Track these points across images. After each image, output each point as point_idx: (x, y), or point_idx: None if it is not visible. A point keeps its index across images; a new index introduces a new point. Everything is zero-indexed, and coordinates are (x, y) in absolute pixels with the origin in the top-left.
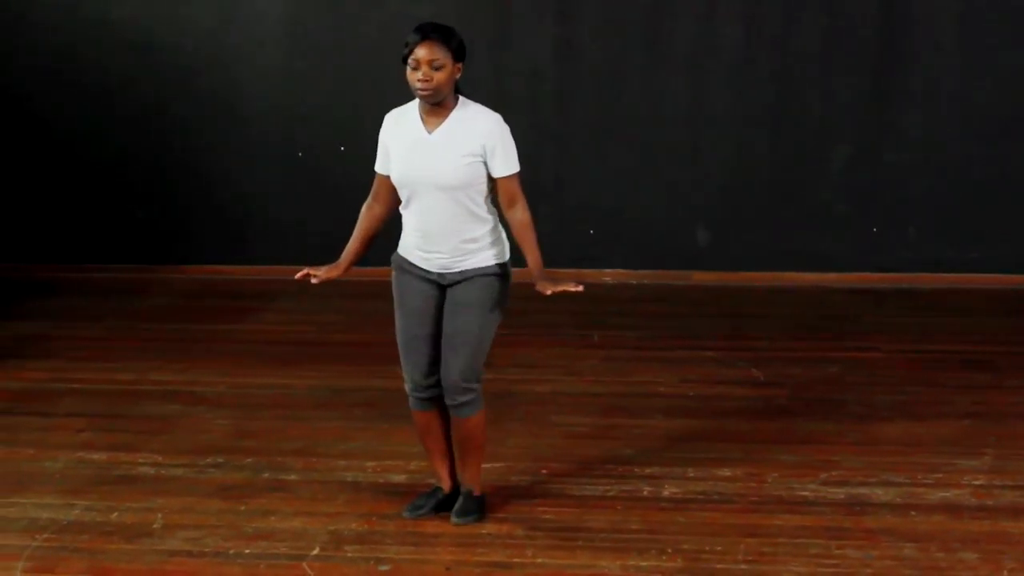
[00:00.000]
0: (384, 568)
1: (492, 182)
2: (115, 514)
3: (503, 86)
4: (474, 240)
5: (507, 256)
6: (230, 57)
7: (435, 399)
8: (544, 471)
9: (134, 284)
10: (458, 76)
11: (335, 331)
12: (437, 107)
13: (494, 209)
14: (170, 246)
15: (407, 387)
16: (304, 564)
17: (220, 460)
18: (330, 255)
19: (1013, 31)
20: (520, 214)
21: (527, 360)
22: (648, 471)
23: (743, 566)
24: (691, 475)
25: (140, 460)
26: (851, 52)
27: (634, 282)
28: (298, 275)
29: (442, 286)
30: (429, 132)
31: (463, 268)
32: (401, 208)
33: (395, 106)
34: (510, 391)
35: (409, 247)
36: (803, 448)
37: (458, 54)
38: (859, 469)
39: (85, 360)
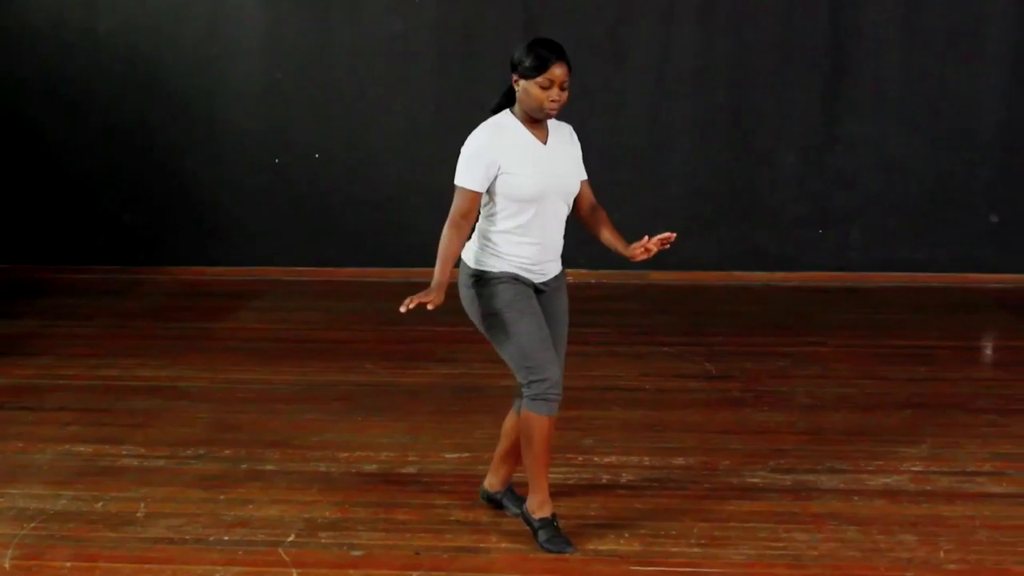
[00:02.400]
0: (356, 553)
1: None
2: (100, 504)
3: (474, 95)
4: (562, 243)
5: None
6: (212, 70)
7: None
8: None
9: (121, 285)
10: None
11: (312, 329)
12: (539, 119)
13: None
14: (155, 249)
15: (543, 392)
16: (280, 550)
17: (201, 452)
18: (305, 256)
19: (953, 42)
20: (601, 209)
21: (494, 355)
22: (607, 460)
23: (696, 549)
24: (647, 463)
25: (124, 452)
26: (802, 63)
27: (594, 281)
28: (409, 306)
29: (538, 293)
30: (544, 144)
31: (556, 273)
32: (513, 225)
33: (369, 116)
34: (478, 385)
35: (516, 265)
36: (753, 437)
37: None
38: (806, 457)
39: (73, 357)
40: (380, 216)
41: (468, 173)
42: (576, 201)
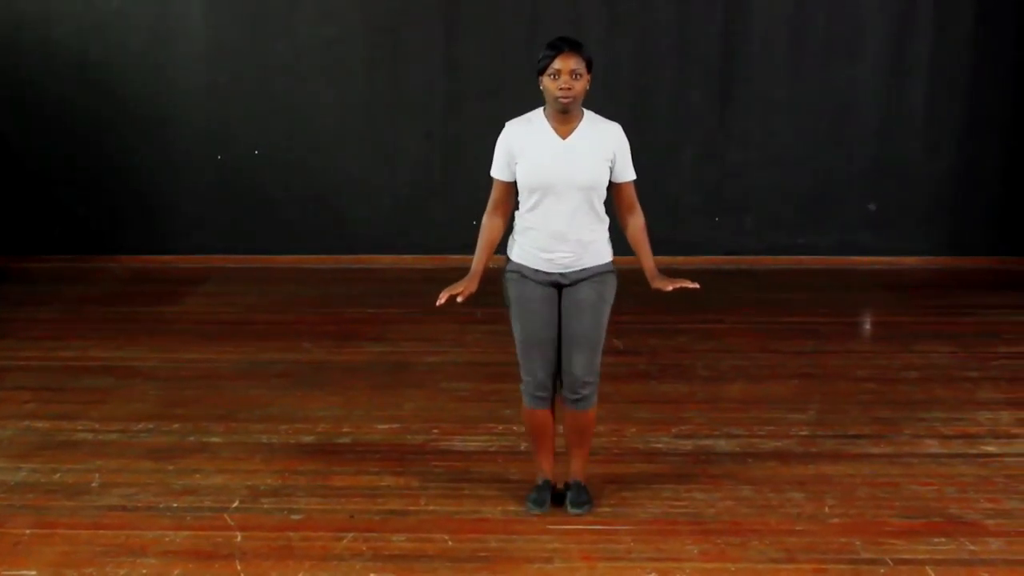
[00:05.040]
0: (296, 517)
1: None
2: (58, 475)
3: (400, 96)
4: (593, 238)
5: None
6: (159, 73)
7: (552, 398)
8: (435, 430)
9: (75, 273)
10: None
11: (254, 312)
12: (567, 115)
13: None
14: (107, 239)
15: (527, 387)
16: (226, 515)
17: (151, 426)
18: (247, 245)
19: (834, 48)
20: (640, 219)
21: (421, 335)
22: (524, 429)
23: (606, 508)
24: (561, 431)
25: (80, 427)
26: (698, 67)
27: None
28: (441, 300)
29: (561, 286)
30: (563, 138)
31: (584, 266)
32: (525, 213)
33: (304, 115)
34: (407, 362)
35: (529, 252)
36: (657, 407)
37: (590, 66)
38: (705, 424)
39: (32, 340)
40: (315, 208)
41: (495, 163)
42: (615, 201)
